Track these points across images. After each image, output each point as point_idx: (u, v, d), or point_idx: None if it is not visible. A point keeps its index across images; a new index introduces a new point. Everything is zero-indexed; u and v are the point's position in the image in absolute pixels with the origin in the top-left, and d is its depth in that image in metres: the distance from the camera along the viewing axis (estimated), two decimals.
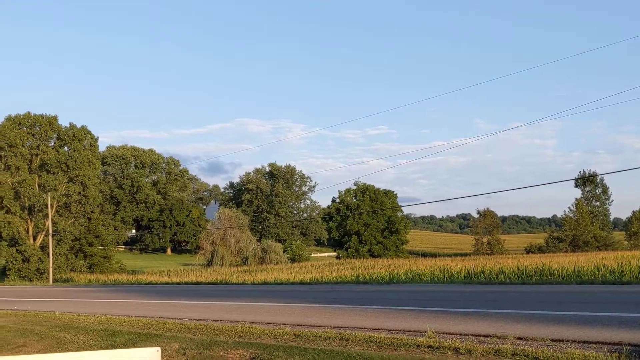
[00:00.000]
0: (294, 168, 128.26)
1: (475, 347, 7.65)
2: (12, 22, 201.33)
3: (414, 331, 9.19)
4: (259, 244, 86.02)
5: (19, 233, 65.33)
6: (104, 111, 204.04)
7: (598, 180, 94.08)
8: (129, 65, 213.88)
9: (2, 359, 4.43)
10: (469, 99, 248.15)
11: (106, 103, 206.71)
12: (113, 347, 8.90)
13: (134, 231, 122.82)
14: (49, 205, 63.00)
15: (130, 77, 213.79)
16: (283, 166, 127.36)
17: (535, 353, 6.88)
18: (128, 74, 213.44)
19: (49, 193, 64.07)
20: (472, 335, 8.73)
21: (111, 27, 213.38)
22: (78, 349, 9.06)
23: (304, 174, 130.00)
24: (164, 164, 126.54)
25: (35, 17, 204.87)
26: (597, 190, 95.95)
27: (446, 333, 8.92)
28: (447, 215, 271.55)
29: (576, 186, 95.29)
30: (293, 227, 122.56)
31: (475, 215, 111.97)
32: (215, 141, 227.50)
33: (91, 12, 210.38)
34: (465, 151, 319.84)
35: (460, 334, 8.80)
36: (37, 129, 71.31)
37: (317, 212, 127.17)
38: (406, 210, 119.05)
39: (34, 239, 68.25)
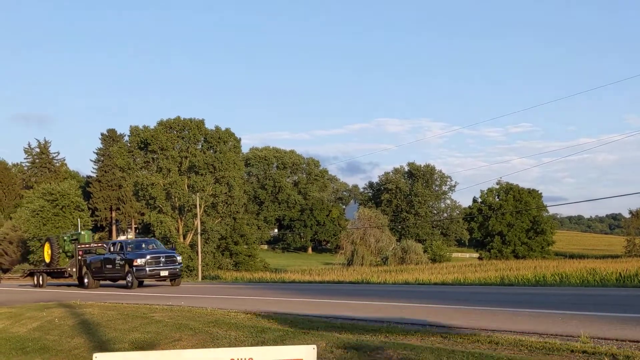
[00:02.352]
0: (434, 167, 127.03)
1: (634, 353, 7.24)
2: (159, 31, 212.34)
3: (566, 335, 8.83)
4: (398, 243, 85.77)
5: (170, 232, 68.72)
6: (246, 114, 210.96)
7: None
8: (274, 70, 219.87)
9: (163, 352, 4.64)
10: (618, 94, 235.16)
11: (249, 106, 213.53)
12: (263, 343, 9.14)
13: (276, 230, 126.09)
14: (198, 205, 65.79)
15: (273, 81, 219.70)
16: (422, 165, 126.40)
17: None
18: (268, 78, 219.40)
19: (198, 194, 66.93)
20: (630, 341, 8.27)
21: (260, 35, 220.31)
22: (230, 345, 9.37)
23: (443, 173, 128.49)
24: (304, 165, 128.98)
25: (183, 23, 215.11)
26: None
27: (601, 338, 8.51)
28: (596, 215, 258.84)
29: None
30: (433, 227, 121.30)
31: (627, 215, 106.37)
32: (354, 141, 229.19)
33: (242, 13, 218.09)
34: (615, 148, 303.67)
35: (617, 340, 8.37)
36: (186, 132, 74.67)
37: (457, 212, 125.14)
38: (552, 210, 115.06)
39: (184, 238, 71.58)
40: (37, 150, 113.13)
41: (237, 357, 4.37)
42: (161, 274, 28.57)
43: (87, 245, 34.80)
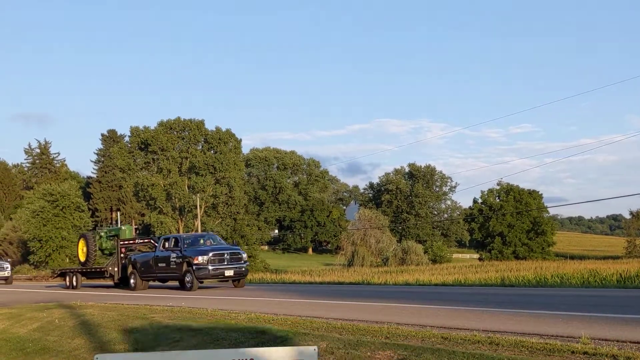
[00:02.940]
0: (434, 168, 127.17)
1: (635, 354, 7.26)
2: (160, 29, 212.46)
3: (567, 336, 8.84)
4: (399, 244, 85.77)
5: (170, 232, 68.78)
6: (246, 114, 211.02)
7: None
8: (274, 70, 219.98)
9: (164, 353, 4.64)
10: (620, 94, 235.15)
11: (248, 106, 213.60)
12: (263, 344, 9.13)
13: (276, 231, 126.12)
14: (198, 206, 65.88)
15: (273, 81, 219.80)
16: (423, 166, 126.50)
17: None
18: (270, 79, 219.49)
19: (198, 194, 67.00)
20: (630, 342, 8.28)
21: (264, 37, 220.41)
22: (231, 345, 9.38)
23: (444, 174, 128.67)
24: (304, 165, 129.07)
25: (188, 29, 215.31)
26: None
27: (602, 339, 8.51)
28: (597, 216, 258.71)
29: None
30: (434, 227, 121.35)
31: (627, 216, 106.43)
32: (354, 142, 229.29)
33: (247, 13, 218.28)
34: (616, 149, 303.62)
35: (617, 341, 8.38)
36: (187, 133, 74.79)
37: (458, 212, 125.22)
38: (553, 211, 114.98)
39: None
40: (38, 150, 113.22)
41: (238, 358, 4.37)
42: (226, 274, 24.84)
43: (130, 242, 31.14)
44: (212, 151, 74.14)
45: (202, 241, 27.03)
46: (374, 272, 53.99)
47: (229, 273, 24.83)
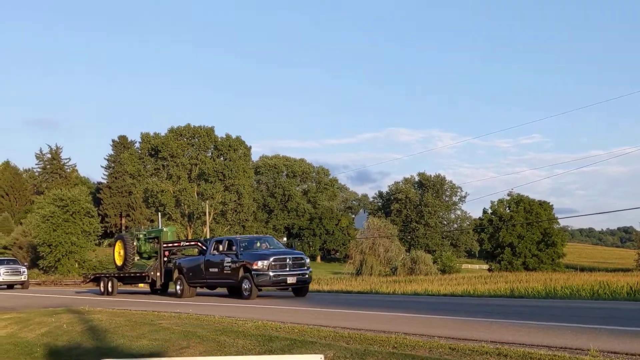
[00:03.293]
0: (444, 178, 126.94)
1: None
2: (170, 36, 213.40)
3: (576, 349, 8.77)
4: (408, 254, 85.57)
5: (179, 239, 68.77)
6: (256, 122, 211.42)
7: None
8: (286, 78, 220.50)
9: None
10: (631, 106, 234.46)
11: (258, 114, 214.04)
12: (270, 352, 9.12)
13: (285, 239, 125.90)
14: (207, 213, 65.97)
15: (283, 89, 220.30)
16: (432, 176, 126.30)
17: None
18: (279, 86, 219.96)
19: (207, 201, 67.07)
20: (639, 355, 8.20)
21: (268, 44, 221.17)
22: (237, 353, 9.36)
23: (454, 184, 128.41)
24: (314, 173, 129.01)
25: (189, 36, 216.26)
26: None
27: (611, 352, 8.44)
28: (607, 228, 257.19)
29: None
30: (443, 237, 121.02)
31: (638, 229, 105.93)
32: (364, 150, 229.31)
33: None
34: (627, 160, 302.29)
35: (627, 354, 8.31)
36: (196, 140, 75.01)
37: (467, 223, 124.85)
38: (563, 223, 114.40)
39: None
40: (49, 156, 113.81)
41: None
42: (288, 281, 22.13)
43: (175, 244, 28.87)
44: (221, 158, 74.32)
45: (258, 244, 24.71)
46: (382, 282, 53.88)
47: (291, 280, 22.24)
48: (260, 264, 21.86)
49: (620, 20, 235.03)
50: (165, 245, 27.92)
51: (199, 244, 26.72)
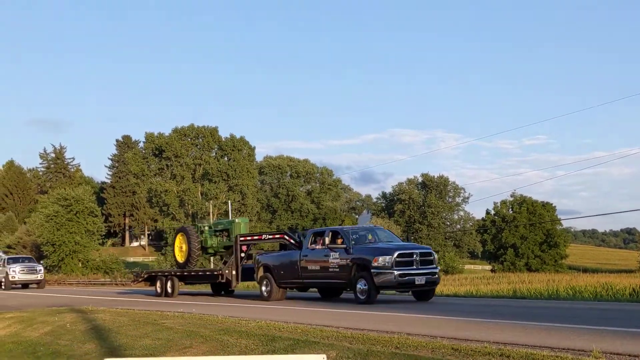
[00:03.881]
0: (447, 178, 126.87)
1: None
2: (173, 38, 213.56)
3: (578, 350, 8.76)
4: None
5: None
6: (260, 122, 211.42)
7: None
8: (289, 79, 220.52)
9: (174, 359, 4.65)
10: (635, 107, 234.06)
11: (262, 114, 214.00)
12: (273, 352, 9.14)
13: None
14: (211, 213, 66.01)
15: (287, 90, 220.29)
16: (436, 176, 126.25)
17: None
18: (283, 87, 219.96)
19: (211, 201, 67.15)
20: None
21: (272, 43, 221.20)
22: (240, 353, 9.39)
23: (457, 185, 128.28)
24: (317, 174, 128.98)
25: (194, 31, 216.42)
26: None
27: (613, 353, 8.44)
28: (610, 230, 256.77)
29: None
30: (446, 238, 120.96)
31: None
32: (368, 151, 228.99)
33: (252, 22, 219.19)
34: (630, 162, 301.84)
35: (630, 355, 8.30)
36: (200, 140, 75.09)
37: (470, 223, 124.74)
38: (566, 224, 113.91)
39: None
40: (53, 155, 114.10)
41: None
42: (416, 282, 18.33)
43: (256, 238, 24.79)
44: (225, 158, 74.39)
45: (370, 236, 20.50)
46: None
47: (420, 281, 18.37)
48: (381, 260, 18.02)
49: (622, 20, 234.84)
50: (243, 239, 23.98)
51: (285, 237, 23.33)
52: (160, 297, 26.20)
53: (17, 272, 42.75)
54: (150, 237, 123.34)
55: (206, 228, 27.21)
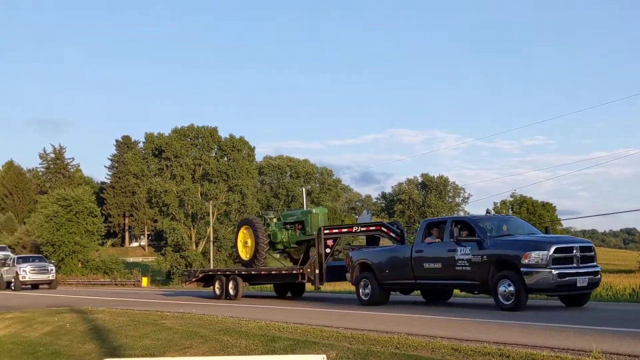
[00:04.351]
0: (447, 179, 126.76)
1: None
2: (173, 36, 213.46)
3: (579, 350, 8.75)
4: None
5: (182, 239, 68.97)
6: (260, 123, 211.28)
7: None
8: (289, 79, 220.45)
9: (174, 359, 4.65)
10: (635, 107, 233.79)
11: (262, 114, 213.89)
12: (273, 352, 9.14)
13: None
14: (211, 213, 65.96)
15: (287, 90, 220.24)
16: (436, 177, 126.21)
17: None
18: (283, 87, 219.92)
19: (211, 201, 67.10)
20: None
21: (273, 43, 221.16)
22: (240, 353, 9.38)
23: (457, 185, 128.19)
24: (317, 174, 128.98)
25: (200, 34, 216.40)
26: None
27: (613, 354, 8.42)
28: (610, 230, 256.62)
29: None
30: None
31: None
32: (368, 151, 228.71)
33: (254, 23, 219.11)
34: (630, 162, 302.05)
35: (629, 355, 8.29)
36: (200, 140, 75.03)
37: None
38: (566, 224, 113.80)
39: (196, 245, 71.79)
40: (52, 155, 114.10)
41: None
42: (578, 284, 15.05)
43: (346, 230, 21.50)
44: (225, 158, 74.37)
45: (505, 227, 16.99)
46: None
47: (582, 283, 15.09)
48: (534, 256, 14.64)
49: (622, 20, 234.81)
50: (328, 232, 20.45)
51: (383, 228, 20.74)
52: (219, 300, 23.60)
53: (27, 272, 40.66)
54: (150, 238, 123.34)
55: (274, 220, 24.13)
